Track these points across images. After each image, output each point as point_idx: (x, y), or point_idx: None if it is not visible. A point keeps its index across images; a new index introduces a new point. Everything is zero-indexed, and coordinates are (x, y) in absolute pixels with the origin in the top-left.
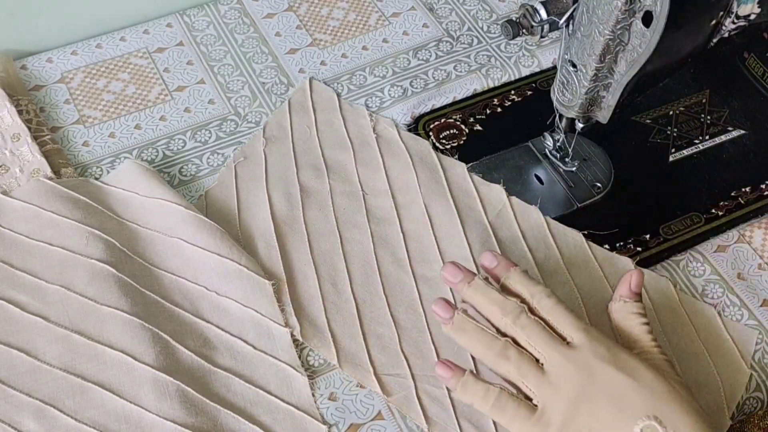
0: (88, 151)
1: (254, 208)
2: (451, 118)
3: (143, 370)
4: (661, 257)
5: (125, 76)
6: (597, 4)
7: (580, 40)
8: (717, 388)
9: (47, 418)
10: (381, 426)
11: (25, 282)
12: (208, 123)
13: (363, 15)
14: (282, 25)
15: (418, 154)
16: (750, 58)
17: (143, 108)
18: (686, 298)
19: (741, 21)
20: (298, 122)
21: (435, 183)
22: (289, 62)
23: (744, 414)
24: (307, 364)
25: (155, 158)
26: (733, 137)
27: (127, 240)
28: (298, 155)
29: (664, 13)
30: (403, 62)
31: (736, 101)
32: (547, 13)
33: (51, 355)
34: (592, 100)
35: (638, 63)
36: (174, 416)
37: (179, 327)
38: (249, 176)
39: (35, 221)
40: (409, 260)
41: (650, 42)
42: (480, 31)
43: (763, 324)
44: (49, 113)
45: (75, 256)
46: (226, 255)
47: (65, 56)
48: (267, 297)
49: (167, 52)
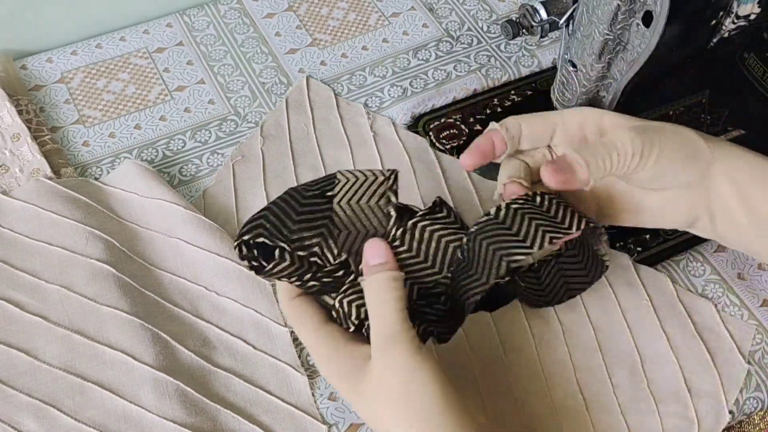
0: (88, 151)
1: (252, 207)
2: (451, 118)
3: (143, 370)
4: (661, 257)
5: (125, 76)
6: (597, 4)
7: (580, 40)
8: (715, 383)
9: (47, 418)
10: None
11: (25, 282)
12: (208, 123)
13: (363, 15)
14: (282, 25)
15: (416, 152)
16: (750, 58)
17: (143, 108)
18: (684, 293)
19: (741, 21)
20: (295, 121)
21: (433, 181)
22: (288, 62)
23: (744, 414)
24: (307, 364)
25: (155, 158)
26: (733, 137)
27: (127, 240)
28: (296, 154)
29: (664, 13)
30: (403, 62)
31: (736, 101)
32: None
33: (51, 354)
34: (592, 100)
35: (638, 63)
36: (174, 416)
37: (179, 327)
38: (247, 175)
39: (35, 221)
40: None
41: (650, 42)
42: (480, 31)
43: (763, 324)
44: (49, 113)
45: (75, 255)
46: (225, 255)
47: (65, 56)
48: (267, 297)
49: (167, 52)
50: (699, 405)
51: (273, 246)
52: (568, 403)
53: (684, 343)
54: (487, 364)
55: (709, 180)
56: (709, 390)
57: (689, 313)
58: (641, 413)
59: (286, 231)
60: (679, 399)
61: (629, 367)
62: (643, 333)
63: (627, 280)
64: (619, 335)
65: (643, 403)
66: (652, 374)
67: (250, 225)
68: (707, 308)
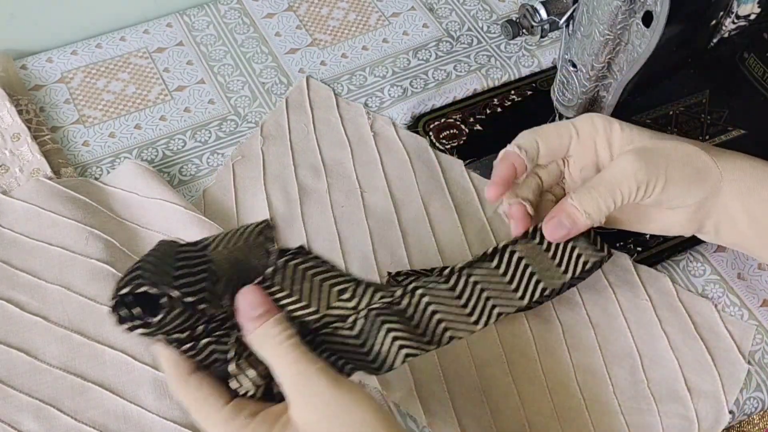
0: (88, 151)
1: (252, 207)
2: (451, 118)
3: (143, 370)
4: (661, 257)
5: (125, 76)
6: (597, 4)
7: (580, 40)
8: (715, 383)
9: (47, 418)
10: None
11: (24, 282)
12: (208, 123)
13: (363, 15)
14: (282, 25)
15: (416, 151)
16: (750, 58)
17: (143, 108)
18: (684, 293)
19: (741, 21)
20: (295, 121)
21: (433, 180)
22: (289, 62)
23: (744, 414)
24: None
25: (155, 158)
26: (733, 137)
27: (127, 240)
28: (296, 154)
29: (664, 13)
30: (403, 62)
31: (736, 101)
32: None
33: (51, 354)
34: (592, 100)
35: (638, 63)
36: (174, 416)
37: None
38: (247, 175)
39: (35, 221)
40: (408, 258)
41: (650, 42)
42: (480, 31)
43: (763, 324)
44: (49, 113)
45: (75, 255)
46: None
47: (65, 56)
48: None
49: (167, 52)
50: (699, 405)
51: (158, 294)
52: (568, 403)
53: (684, 343)
54: (486, 364)
55: (716, 197)
56: (709, 390)
57: (689, 313)
58: (641, 413)
59: (168, 278)
60: (679, 399)
61: (629, 367)
62: (643, 333)
63: (627, 280)
64: (619, 335)
65: (643, 403)
66: (652, 374)
67: (127, 278)
68: (707, 308)
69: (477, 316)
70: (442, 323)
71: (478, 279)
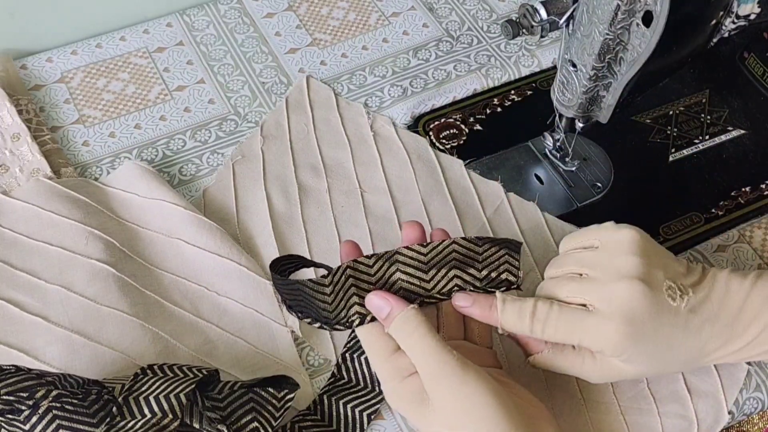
0: (88, 151)
1: (252, 207)
2: (451, 118)
3: None
4: None
5: (125, 75)
6: (597, 4)
7: (580, 40)
8: (715, 383)
9: None
10: (381, 426)
11: (25, 282)
12: (208, 123)
13: (363, 15)
14: (282, 24)
15: (416, 151)
16: (750, 58)
17: (143, 108)
18: None
19: (741, 21)
20: (295, 120)
21: (433, 180)
22: (289, 62)
23: (744, 414)
24: (308, 364)
25: (155, 158)
26: (733, 137)
27: (127, 240)
28: (296, 153)
29: (664, 13)
30: (403, 62)
31: (736, 101)
32: (547, 13)
33: (51, 355)
34: (592, 100)
35: (638, 63)
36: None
37: (179, 327)
38: (247, 175)
39: (35, 221)
40: None
41: (650, 42)
42: (480, 30)
43: None
44: (48, 113)
45: (75, 256)
46: (226, 255)
47: (65, 56)
48: (267, 297)
49: (167, 51)
50: (698, 405)
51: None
52: (568, 403)
53: None
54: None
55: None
56: (708, 390)
57: None
58: (641, 413)
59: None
60: (679, 399)
61: None
62: None
63: None
64: None
65: (643, 403)
66: None
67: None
68: None
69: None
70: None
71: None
